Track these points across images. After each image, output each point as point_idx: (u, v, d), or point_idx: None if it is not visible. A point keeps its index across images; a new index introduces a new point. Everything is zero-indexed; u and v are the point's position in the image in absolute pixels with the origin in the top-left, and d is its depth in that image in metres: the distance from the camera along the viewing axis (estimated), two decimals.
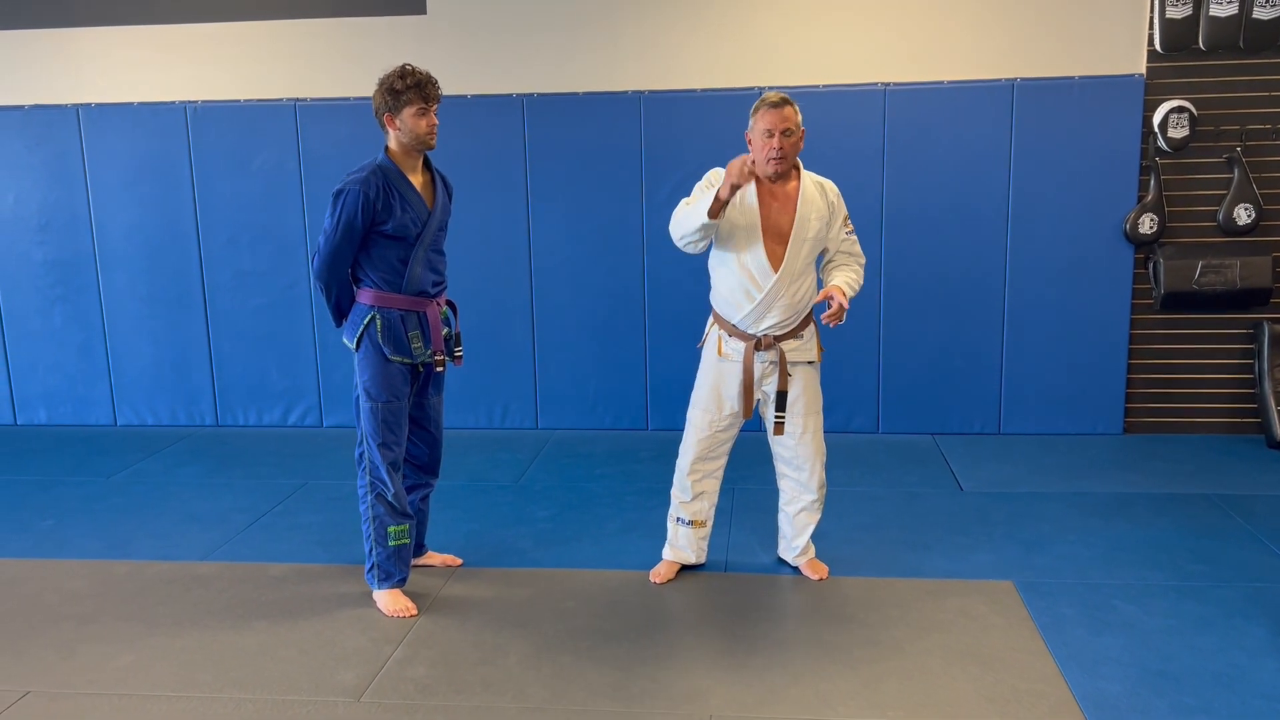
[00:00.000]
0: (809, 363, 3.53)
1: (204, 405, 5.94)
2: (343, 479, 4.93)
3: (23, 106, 5.76)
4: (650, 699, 2.85)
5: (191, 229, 5.75)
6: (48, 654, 3.20)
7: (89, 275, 5.87)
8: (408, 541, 3.44)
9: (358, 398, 3.38)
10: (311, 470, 5.10)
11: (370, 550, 3.42)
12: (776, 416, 3.53)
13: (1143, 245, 5.21)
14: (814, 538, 3.75)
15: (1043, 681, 2.91)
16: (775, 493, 4.58)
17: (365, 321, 3.30)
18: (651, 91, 5.38)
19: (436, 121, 3.32)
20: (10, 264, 5.91)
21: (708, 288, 3.71)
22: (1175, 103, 5.01)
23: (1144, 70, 5.11)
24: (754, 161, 3.25)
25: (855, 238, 3.56)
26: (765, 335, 3.44)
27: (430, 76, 3.27)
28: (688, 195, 3.48)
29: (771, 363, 3.47)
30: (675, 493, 3.70)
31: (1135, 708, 2.76)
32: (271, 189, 5.67)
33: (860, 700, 2.83)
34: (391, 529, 3.38)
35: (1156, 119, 5.04)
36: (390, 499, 3.37)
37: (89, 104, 5.72)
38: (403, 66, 3.27)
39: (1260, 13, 4.91)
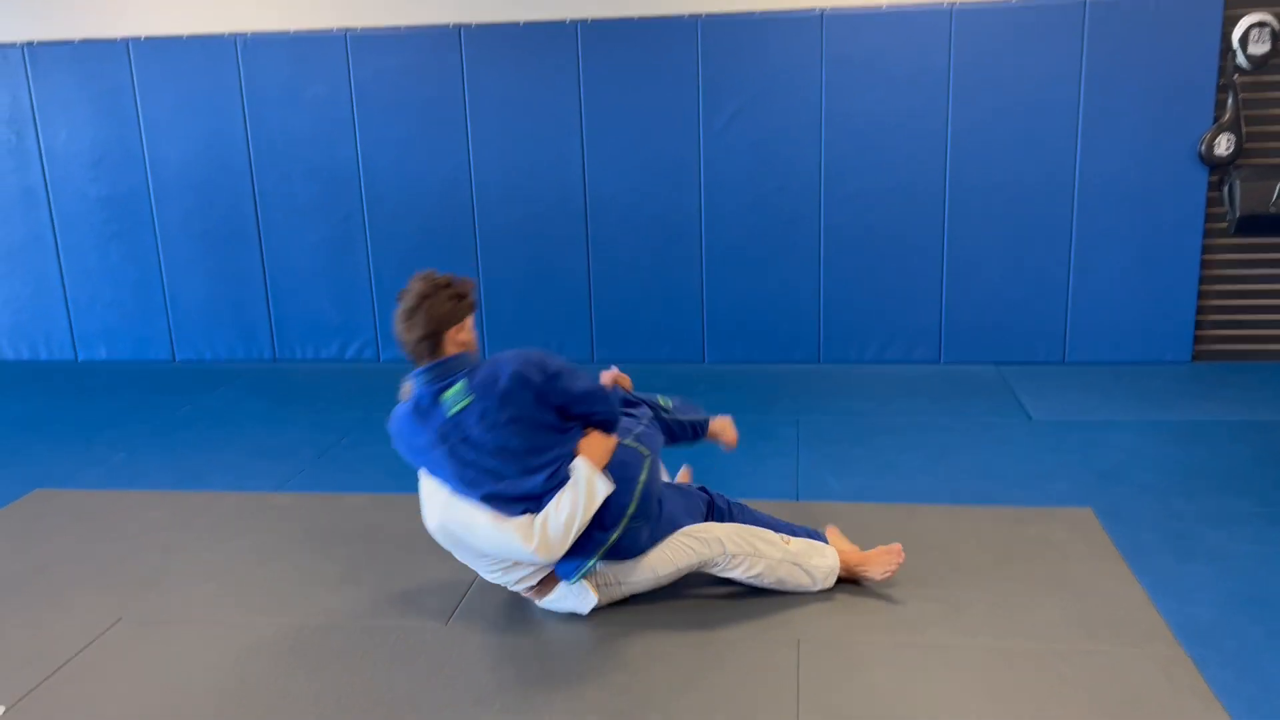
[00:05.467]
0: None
1: (261, 340, 5.97)
2: None
3: (72, 41, 5.72)
4: (738, 624, 2.85)
5: (244, 163, 5.72)
6: (135, 583, 3.25)
7: (143, 211, 5.87)
8: None
9: None
10: (373, 403, 5.11)
11: None
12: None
13: (1218, 167, 5.06)
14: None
15: (1132, 608, 2.87)
16: (842, 422, 4.57)
17: None
18: (709, 15, 5.25)
19: None
20: (66, 201, 5.92)
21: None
22: (1257, 17, 4.82)
23: None
24: None
25: None
26: None
27: None
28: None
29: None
30: None
31: (1229, 633, 2.73)
32: (323, 122, 5.61)
33: (947, 625, 2.82)
34: None
35: (1236, 34, 4.85)
36: None
37: (139, 37, 5.66)
38: (445, 276, 2.86)
39: None
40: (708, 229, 5.45)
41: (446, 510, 2.78)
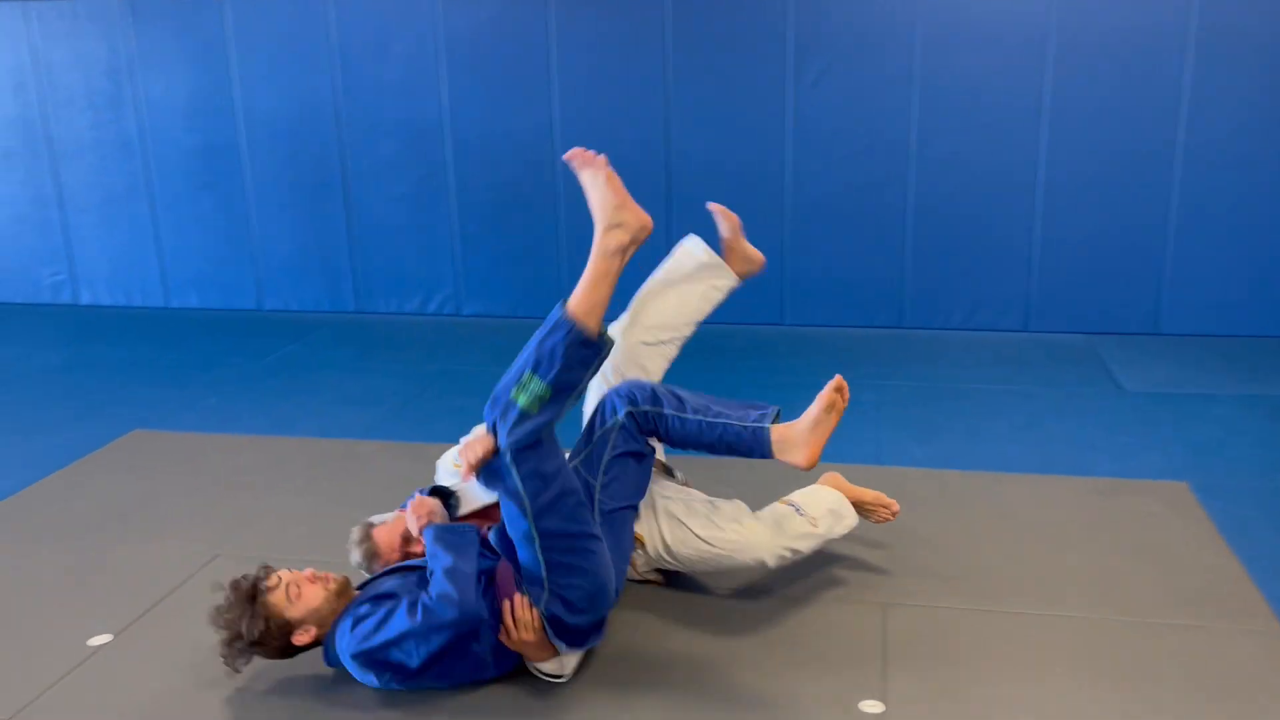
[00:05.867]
0: None
1: (345, 292, 6.06)
2: (485, 366, 4.99)
3: None
4: (824, 588, 2.84)
5: (333, 115, 5.78)
6: (231, 522, 3.35)
7: (235, 162, 5.98)
8: None
9: None
10: (454, 356, 5.19)
11: None
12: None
13: None
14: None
15: (1229, 582, 2.80)
16: (925, 388, 4.51)
17: None
18: None
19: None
20: (161, 151, 6.05)
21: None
22: None
23: None
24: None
25: None
26: None
27: None
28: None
29: None
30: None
31: None
32: (412, 74, 5.64)
33: (1037, 595, 2.78)
34: None
35: None
36: None
37: None
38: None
39: None
40: (792, 188, 5.38)
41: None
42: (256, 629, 2.26)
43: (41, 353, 5.45)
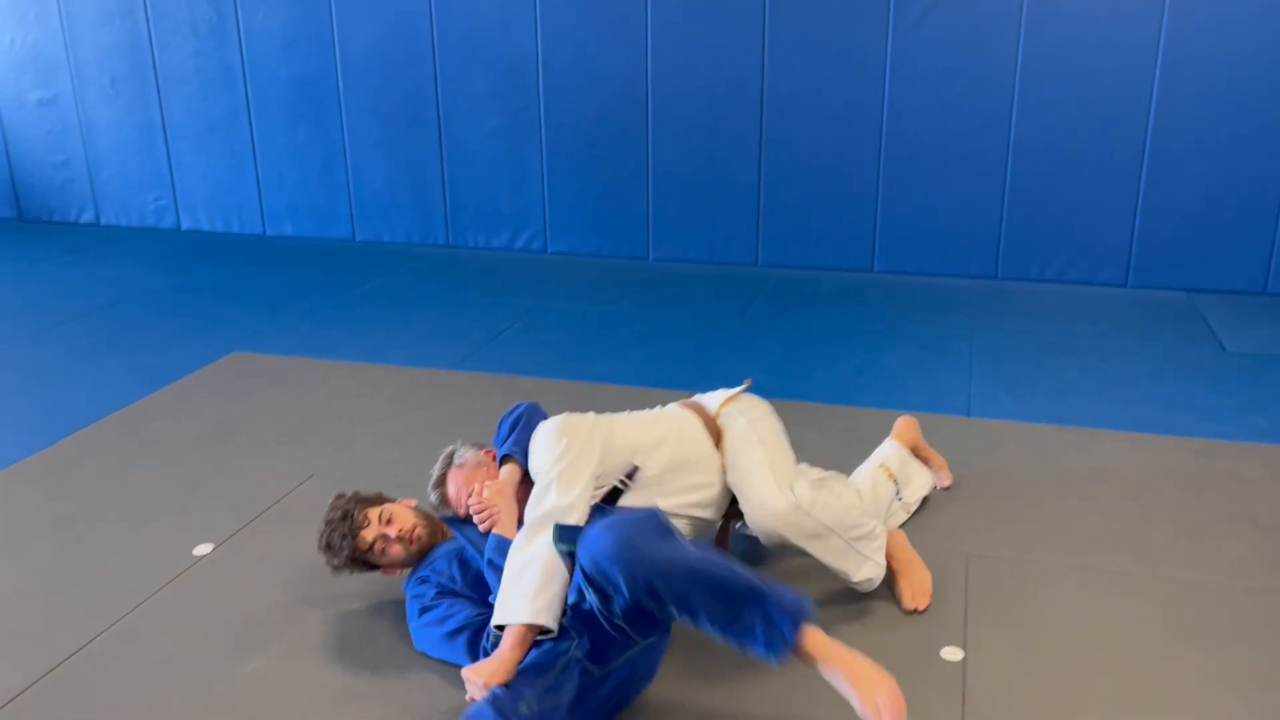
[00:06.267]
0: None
1: (436, 225, 6.14)
2: (571, 303, 5.04)
3: None
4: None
5: (428, 48, 5.81)
6: (327, 444, 3.46)
7: (331, 93, 6.06)
8: None
9: None
10: (541, 292, 5.23)
11: None
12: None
13: None
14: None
15: None
16: (1019, 340, 4.42)
17: None
18: None
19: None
20: (260, 81, 6.16)
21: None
22: None
23: None
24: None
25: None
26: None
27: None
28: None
29: None
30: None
31: None
32: (508, 7, 5.62)
33: (1125, 551, 2.73)
34: None
35: None
36: None
37: None
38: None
39: None
40: (889, 131, 5.26)
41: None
42: (345, 553, 2.36)
43: (146, 275, 5.65)
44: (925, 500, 2.98)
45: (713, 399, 2.68)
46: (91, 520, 2.98)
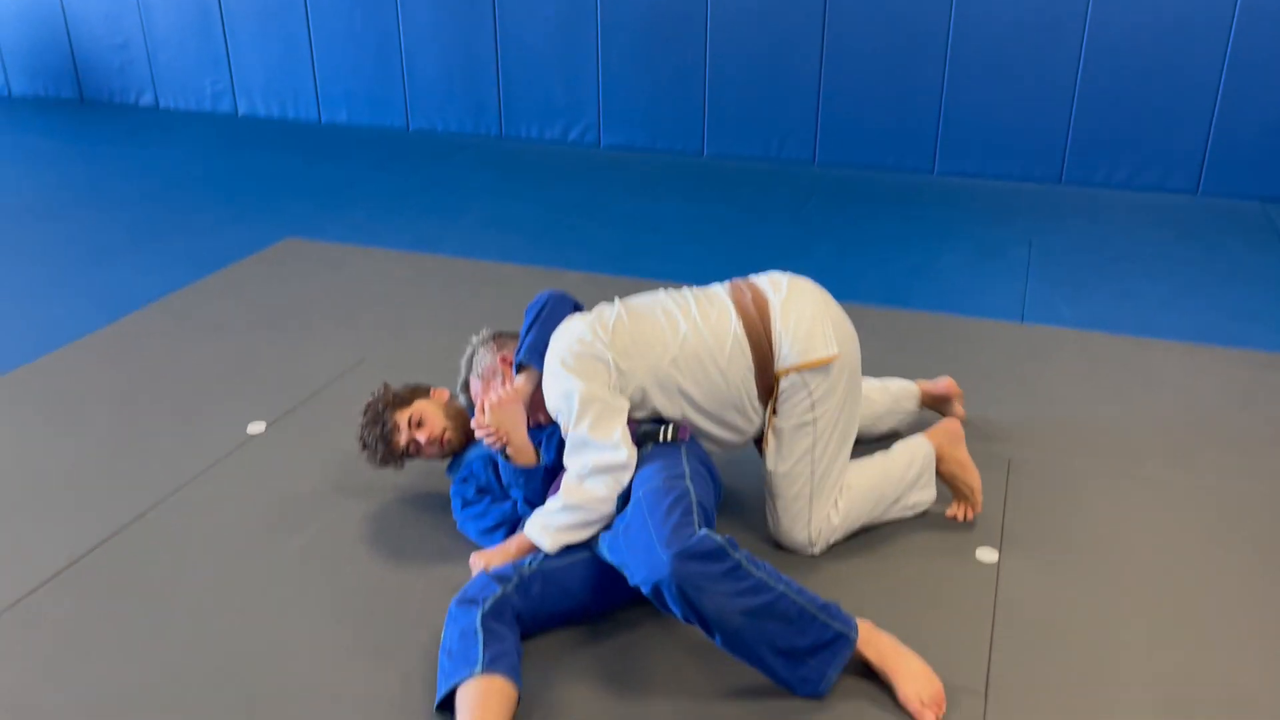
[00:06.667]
0: None
1: (490, 115, 6.08)
2: (624, 200, 5.00)
3: None
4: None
5: None
6: (378, 330, 3.51)
7: None
8: None
9: None
10: (594, 185, 5.19)
11: None
12: None
13: None
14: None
15: None
16: (1080, 246, 4.31)
17: None
18: None
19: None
20: None
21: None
22: None
23: None
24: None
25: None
26: None
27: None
28: None
29: None
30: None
31: None
32: None
33: (1173, 462, 2.69)
34: None
35: None
36: None
37: None
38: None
39: None
40: (956, 27, 5.06)
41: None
42: (380, 454, 2.40)
43: (203, 158, 5.69)
44: (970, 405, 2.95)
45: (776, 293, 2.27)
46: (151, 396, 3.08)
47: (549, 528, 2.07)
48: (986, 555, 2.32)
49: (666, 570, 1.80)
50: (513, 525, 2.31)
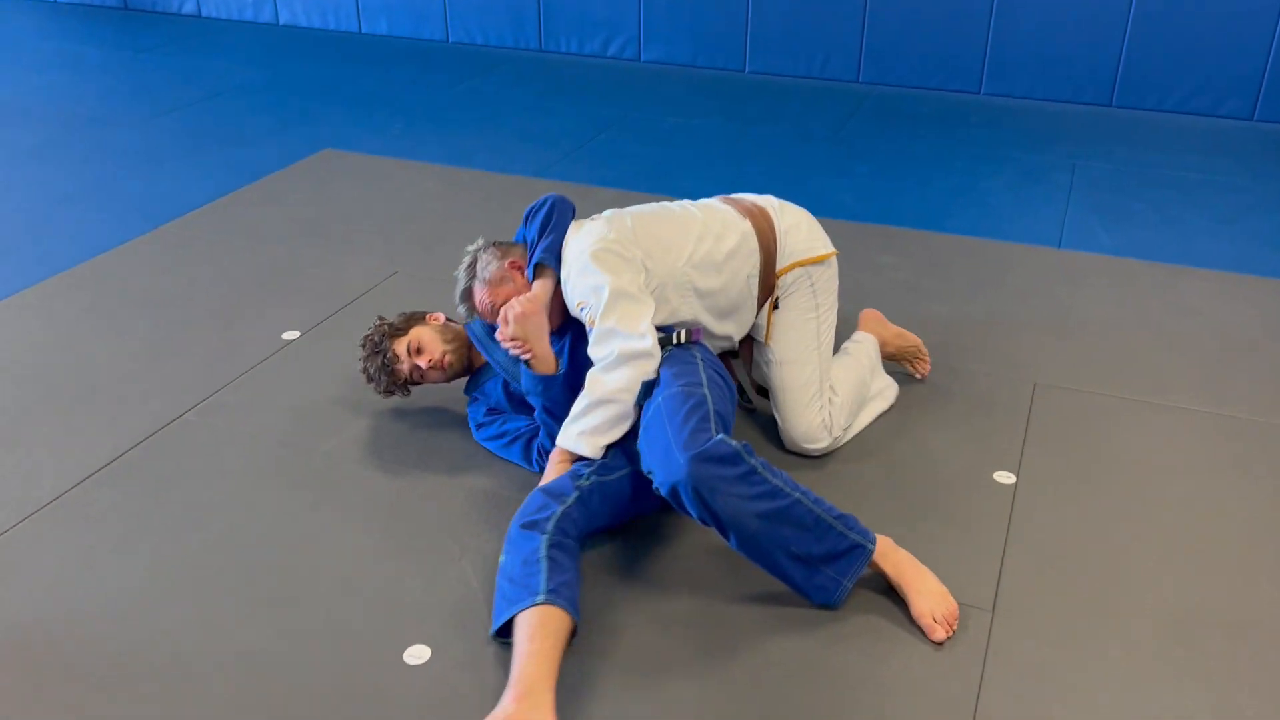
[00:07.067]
0: None
1: (529, 28, 6.01)
2: (662, 114, 4.95)
3: None
4: (975, 359, 2.82)
5: None
6: (411, 243, 3.54)
7: None
8: None
9: None
10: (631, 101, 5.14)
11: None
12: None
13: None
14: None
15: None
16: (1124, 172, 4.22)
17: None
18: None
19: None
20: None
21: None
22: None
23: None
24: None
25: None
26: None
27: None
28: None
29: None
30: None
31: None
32: None
33: (1201, 391, 2.67)
34: None
35: None
36: None
37: None
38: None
39: None
40: None
41: None
42: (385, 383, 2.45)
43: (243, 69, 5.70)
44: (998, 327, 2.94)
45: (776, 210, 2.42)
46: (190, 301, 3.15)
47: (585, 432, 2.10)
48: (1004, 477, 2.34)
49: (683, 472, 1.84)
50: (528, 440, 2.36)
